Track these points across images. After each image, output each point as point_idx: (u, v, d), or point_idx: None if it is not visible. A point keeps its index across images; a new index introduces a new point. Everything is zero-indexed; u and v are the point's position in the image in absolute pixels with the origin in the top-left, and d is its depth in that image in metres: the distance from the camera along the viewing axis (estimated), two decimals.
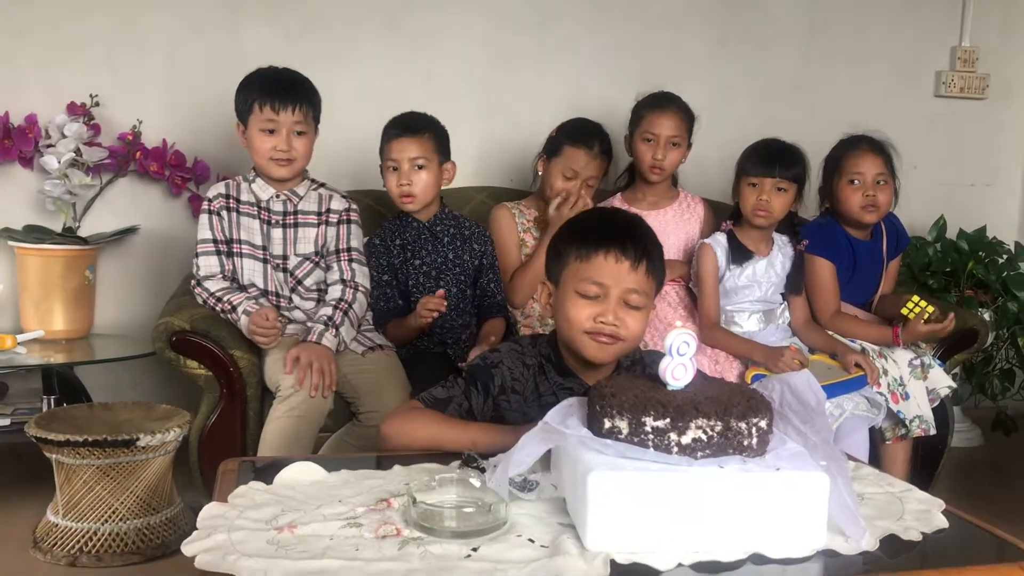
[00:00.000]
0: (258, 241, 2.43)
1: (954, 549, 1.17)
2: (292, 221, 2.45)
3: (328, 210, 2.48)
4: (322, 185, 2.52)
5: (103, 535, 2.25)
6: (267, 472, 1.33)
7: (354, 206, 2.52)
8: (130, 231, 2.92)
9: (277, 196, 2.45)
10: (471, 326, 2.63)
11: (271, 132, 2.37)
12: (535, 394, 1.60)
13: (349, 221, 2.48)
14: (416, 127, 2.54)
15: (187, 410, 2.40)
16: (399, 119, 2.57)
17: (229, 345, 2.28)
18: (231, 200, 2.44)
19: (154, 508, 2.32)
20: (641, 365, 1.64)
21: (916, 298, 2.54)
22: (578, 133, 2.68)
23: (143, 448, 2.24)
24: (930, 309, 2.51)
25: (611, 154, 2.73)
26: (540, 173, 2.73)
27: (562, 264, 1.58)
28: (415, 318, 2.44)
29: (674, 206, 2.83)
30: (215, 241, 2.42)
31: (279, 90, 2.36)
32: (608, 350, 1.54)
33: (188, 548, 1.08)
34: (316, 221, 2.46)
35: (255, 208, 2.44)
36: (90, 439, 2.20)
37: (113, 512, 2.26)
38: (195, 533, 1.12)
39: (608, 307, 1.52)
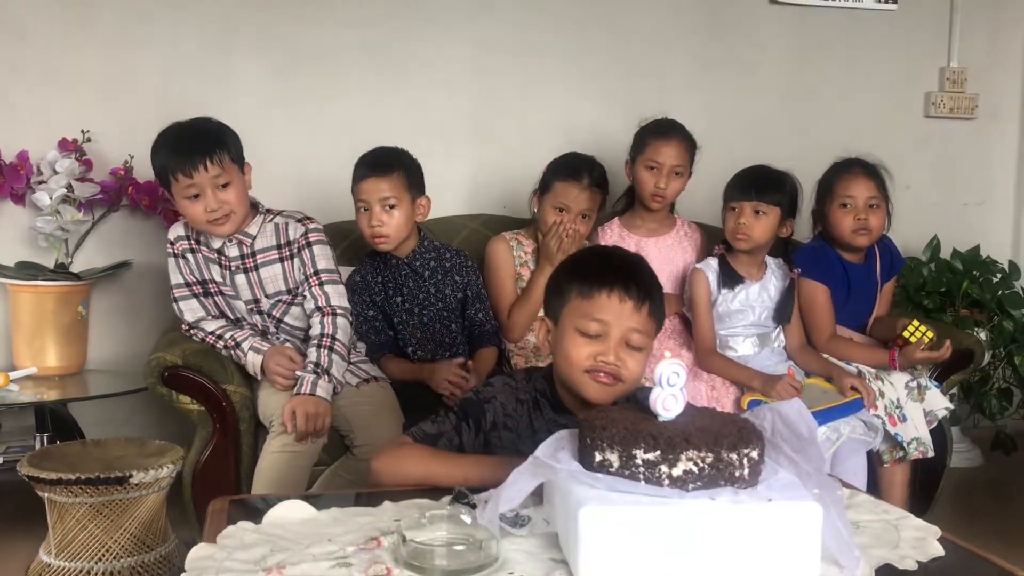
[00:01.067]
0: (227, 284, 2.38)
1: None
2: (252, 264, 2.37)
3: (288, 241, 2.38)
4: (278, 214, 2.41)
5: (97, 574, 2.23)
6: (257, 511, 1.32)
7: (313, 225, 2.41)
8: (123, 266, 2.92)
9: (229, 241, 2.36)
10: (464, 355, 2.61)
11: (196, 196, 2.26)
12: (529, 430, 1.58)
13: (309, 244, 2.38)
14: (385, 165, 2.48)
15: (181, 445, 2.38)
16: (367, 157, 2.51)
17: (222, 379, 2.28)
18: (191, 241, 2.38)
19: (148, 546, 2.29)
20: (634, 401, 1.63)
21: (916, 322, 2.53)
22: (567, 168, 2.67)
23: (136, 485, 2.22)
24: (930, 334, 2.51)
25: (606, 185, 2.71)
26: (536, 210, 2.72)
27: (563, 301, 1.56)
28: (429, 378, 2.42)
29: (672, 233, 2.84)
30: (188, 284, 2.38)
31: (186, 152, 2.24)
32: (609, 391, 1.52)
33: None
34: (277, 256, 2.38)
35: (214, 254, 2.38)
36: (83, 477, 2.18)
37: (107, 551, 2.24)
38: None
39: (609, 346, 1.50)
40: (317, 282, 2.37)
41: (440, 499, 1.36)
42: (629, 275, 1.54)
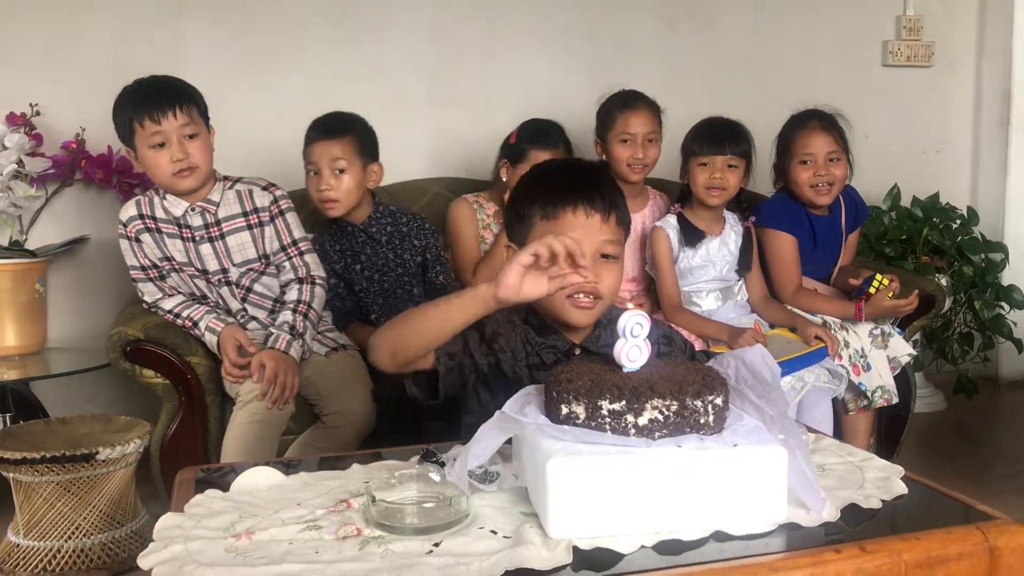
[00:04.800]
0: (188, 260, 2.31)
1: (914, 514, 1.18)
2: (217, 233, 2.30)
3: (256, 208, 2.33)
4: (237, 180, 2.36)
5: (67, 552, 2.21)
6: (225, 479, 1.31)
7: (281, 193, 2.37)
8: (79, 241, 2.87)
9: (192, 209, 2.28)
10: None
11: (161, 145, 2.19)
12: (522, 352, 1.54)
13: (282, 212, 2.34)
14: (337, 129, 2.45)
15: (147, 420, 2.37)
16: (320, 120, 2.48)
17: (185, 352, 2.25)
18: (147, 220, 2.30)
19: (118, 522, 2.28)
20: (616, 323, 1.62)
21: (879, 276, 2.55)
22: (540, 134, 2.67)
23: (103, 462, 2.20)
24: (896, 286, 2.54)
25: (571, 150, 2.71)
26: (504, 180, 2.69)
27: (527, 226, 1.51)
28: None
29: (649, 206, 2.82)
30: (143, 268, 2.32)
31: (154, 98, 2.19)
32: (589, 314, 1.51)
33: (144, 561, 1.06)
34: (244, 224, 2.32)
35: (174, 226, 2.30)
36: (48, 455, 2.16)
37: (76, 528, 2.22)
38: (151, 545, 1.09)
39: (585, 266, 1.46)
40: (296, 252, 2.35)
41: (408, 459, 1.36)
42: (591, 186, 1.49)
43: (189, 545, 1.09)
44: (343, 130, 2.46)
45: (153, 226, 2.31)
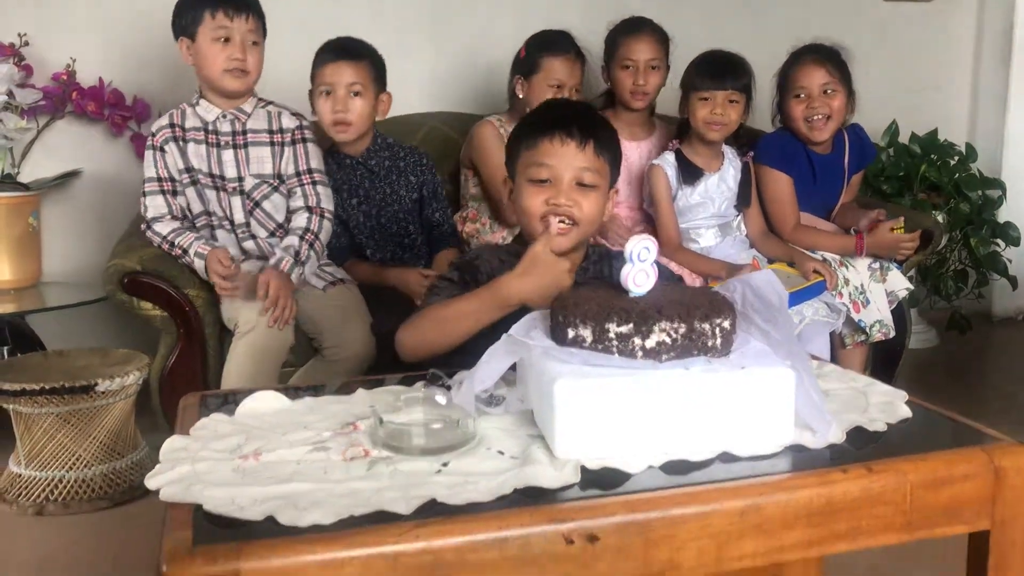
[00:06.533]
0: (208, 168, 2.33)
1: (919, 437, 1.19)
2: (242, 141, 2.34)
3: (281, 129, 2.37)
4: (270, 103, 2.40)
5: (69, 482, 2.23)
6: (229, 405, 1.30)
7: (307, 122, 2.41)
8: (72, 175, 2.84)
9: (224, 116, 2.33)
10: (423, 258, 2.58)
11: (225, 41, 2.25)
12: None
13: (304, 140, 2.38)
14: (354, 52, 2.43)
15: (145, 354, 2.36)
16: (335, 42, 2.46)
17: (183, 284, 2.24)
18: (176, 129, 2.34)
19: (119, 453, 2.30)
20: (608, 261, 1.64)
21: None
22: (551, 43, 2.62)
23: (103, 393, 2.21)
24: (900, 225, 2.55)
25: (585, 59, 2.67)
26: (521, 96, 2.64)
27: (515, 158, 1.60)
28: (396, 282, 2.40)
29: (655, 136, 2.79)
30: (159, 180, 2.33)
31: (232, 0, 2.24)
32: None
33: (152, 481, 1.06)
34: (268, 140, 2.36)
35: (202, 132, 2.34)
36: (47, 387, 2.16)
37: (77, 459, 2.24)
38: (158, 467, 1.09)
39: (560, 189, 1.52)
40: (310, 180, 2.36)
41: (413, 385, 1.36)
42: (569, 117, 1.56)
43: (196, 466, 1.09)
44: (360, 54, 2.44)
45: (181, 135, 2.33)
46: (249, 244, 2.36)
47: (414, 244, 2.58)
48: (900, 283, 2.61)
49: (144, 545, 2.00)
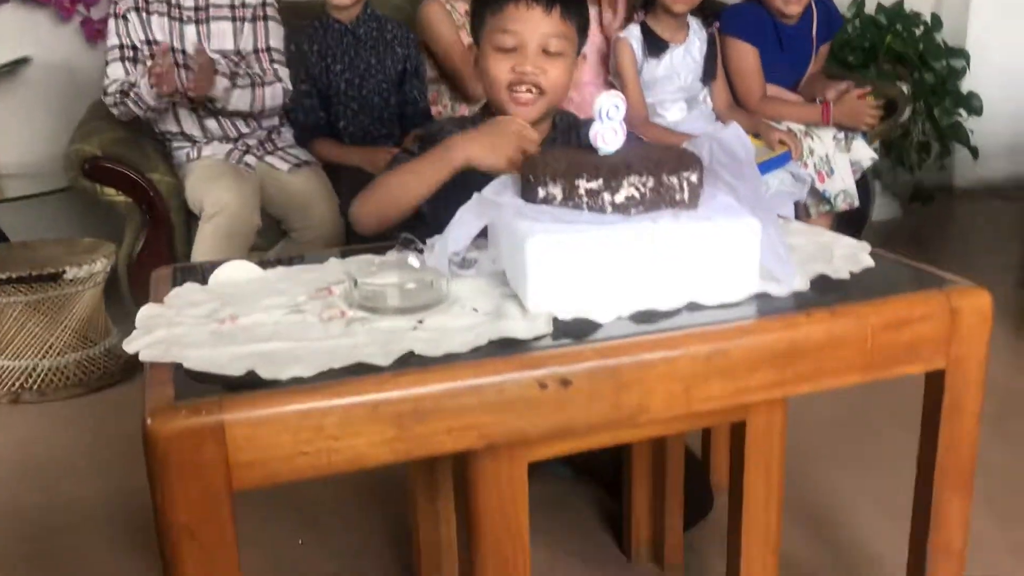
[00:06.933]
0: (170, 43, 2.30)
1: (881, 283, 1.22)
2: (204, 17, 2.32)
3: (243, 3, 2.34)
4: None
5: (43, 370, 2.24)
6: (201, 276, 1.31)
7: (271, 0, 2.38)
8: (22, 62, 2.75)
9: None
10: (394, 136, 2.56)
11: None
12: None
13: (266, 17, 2.36)
14: None
15: (112, 244, 2.35)
16: None
17: (146, 168, 2.21)
18: (140, 0, 2.29)
19: (91, 340, 2.30)
20: (576, 129, 1.63)
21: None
22: None
23: (71, 281, 2.20)
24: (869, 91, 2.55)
25: None
26: None
27: (480, 24, 1.56)
28: (365, 162, 2.36)
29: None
30: (121, 47, 2.29)
31: None
32: (531, 110, 1.52)
33: (130, 345, 1.07)
34: (230, 15, 2.33)
35: (164, 4, 2.30)
36: (14, 276, 2.15)
37: (49, 347, 2.24)
38: (135, 332, 1.10)
39: (526, 56, 1.50)
40: (269, 59, 2.37)
41: (386, 253, 1.37)
42: None
43: (173, 330, 1.10)
44: None
45: (144, 5, 2.29)
46: (211, 123, 2.32)
47: (390, 119, 2.55)
48: (865, 153, 2.63)
49: (120, 429, 2.02)
